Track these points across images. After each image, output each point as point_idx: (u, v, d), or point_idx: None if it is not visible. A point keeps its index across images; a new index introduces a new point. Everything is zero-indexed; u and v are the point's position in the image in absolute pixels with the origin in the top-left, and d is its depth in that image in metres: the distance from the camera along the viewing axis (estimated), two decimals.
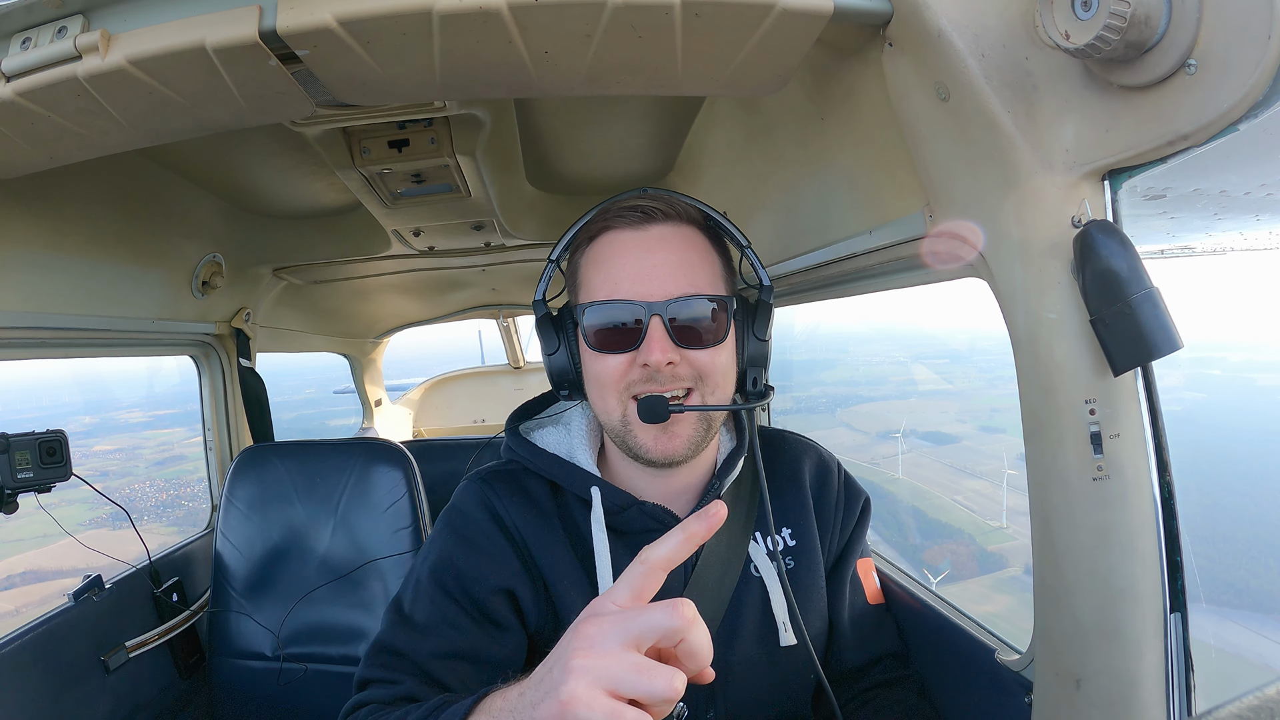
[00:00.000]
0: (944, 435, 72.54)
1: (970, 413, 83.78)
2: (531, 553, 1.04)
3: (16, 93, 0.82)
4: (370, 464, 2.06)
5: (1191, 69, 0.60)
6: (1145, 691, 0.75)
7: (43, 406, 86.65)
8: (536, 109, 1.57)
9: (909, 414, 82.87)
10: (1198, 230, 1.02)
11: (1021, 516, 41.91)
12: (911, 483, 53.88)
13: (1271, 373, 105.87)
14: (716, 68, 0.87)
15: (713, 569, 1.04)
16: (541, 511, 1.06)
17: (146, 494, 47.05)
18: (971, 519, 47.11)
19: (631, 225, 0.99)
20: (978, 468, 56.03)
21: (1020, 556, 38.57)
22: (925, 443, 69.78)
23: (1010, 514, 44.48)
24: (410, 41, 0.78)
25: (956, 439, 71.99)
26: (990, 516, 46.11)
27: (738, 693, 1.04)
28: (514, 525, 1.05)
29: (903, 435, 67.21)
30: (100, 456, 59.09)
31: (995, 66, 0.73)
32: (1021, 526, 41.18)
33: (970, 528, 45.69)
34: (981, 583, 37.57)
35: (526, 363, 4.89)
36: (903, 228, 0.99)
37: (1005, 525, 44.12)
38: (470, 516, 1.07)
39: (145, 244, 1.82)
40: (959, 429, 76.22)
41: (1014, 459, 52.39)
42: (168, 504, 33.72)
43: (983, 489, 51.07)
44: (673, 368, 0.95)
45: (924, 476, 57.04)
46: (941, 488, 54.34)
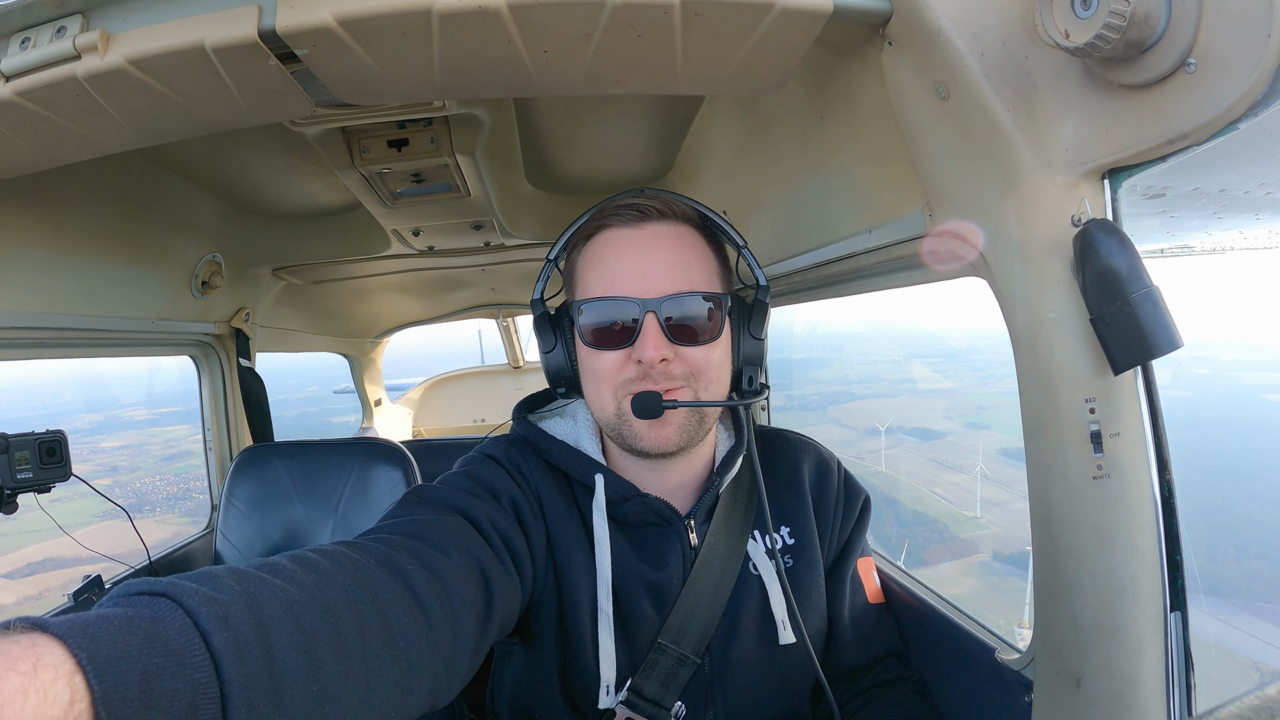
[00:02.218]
0: (930, 431, 75.16)
1: (958, 410, 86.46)
2: (546, 518, 1.04)
3: (16, 93, 0.82)
4: (370, 464, 2.06)
5: (1191, 68, 0.60)
6: (1145, 690, 0.75)
7: (45, 405, 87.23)
8: (536, 108, 1.57)
9: (898, 411, 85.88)
10: (1197, 229, 1.02)
11: (995, 507, 45.72)
12: (894, 475, 56.10)
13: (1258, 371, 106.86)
14: (716, 67, 0.87)
15: (711, 567, 1.04)
16: (558, 485, 1.07)
17: (158, 488, 48.66)
18: (948, 509, 49.14)
19: (628, 223, 1.00)
20: (959, 462, 58.21)
21: (989, 544, 41.64)
22: (911, 438, 72.06)
23: (984, 504, 46.62)
24: (409, 41, 0.78)
25: (942, 434, 74.58)
26: (965, 507, 48.08)
27: (737, 691, 1.04)
28: (536, 488, 1.05)
29: (889, 431, 69.48)
30: (108, 453, 60.65)
31: (995, 65, 0.73)
32: (994, 516, 44.43)
33: (945, 517, 47.77)
34: (953, 567, 39.48)
35: (526, 362, 4.88)
36: (902, 227, 0.99)
37: (979, 515, 46.21)
38: (498, 457, 1.07)
39: (145, 244, 1.82)
40: (945, 425, 78.82)
41: (995, 454, 56.71)
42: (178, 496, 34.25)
43: (962, 481, 53.26)
44: (667, 364, 0.95)
45: (907, 470, 59.34)
46: (922, 480, 56.57)
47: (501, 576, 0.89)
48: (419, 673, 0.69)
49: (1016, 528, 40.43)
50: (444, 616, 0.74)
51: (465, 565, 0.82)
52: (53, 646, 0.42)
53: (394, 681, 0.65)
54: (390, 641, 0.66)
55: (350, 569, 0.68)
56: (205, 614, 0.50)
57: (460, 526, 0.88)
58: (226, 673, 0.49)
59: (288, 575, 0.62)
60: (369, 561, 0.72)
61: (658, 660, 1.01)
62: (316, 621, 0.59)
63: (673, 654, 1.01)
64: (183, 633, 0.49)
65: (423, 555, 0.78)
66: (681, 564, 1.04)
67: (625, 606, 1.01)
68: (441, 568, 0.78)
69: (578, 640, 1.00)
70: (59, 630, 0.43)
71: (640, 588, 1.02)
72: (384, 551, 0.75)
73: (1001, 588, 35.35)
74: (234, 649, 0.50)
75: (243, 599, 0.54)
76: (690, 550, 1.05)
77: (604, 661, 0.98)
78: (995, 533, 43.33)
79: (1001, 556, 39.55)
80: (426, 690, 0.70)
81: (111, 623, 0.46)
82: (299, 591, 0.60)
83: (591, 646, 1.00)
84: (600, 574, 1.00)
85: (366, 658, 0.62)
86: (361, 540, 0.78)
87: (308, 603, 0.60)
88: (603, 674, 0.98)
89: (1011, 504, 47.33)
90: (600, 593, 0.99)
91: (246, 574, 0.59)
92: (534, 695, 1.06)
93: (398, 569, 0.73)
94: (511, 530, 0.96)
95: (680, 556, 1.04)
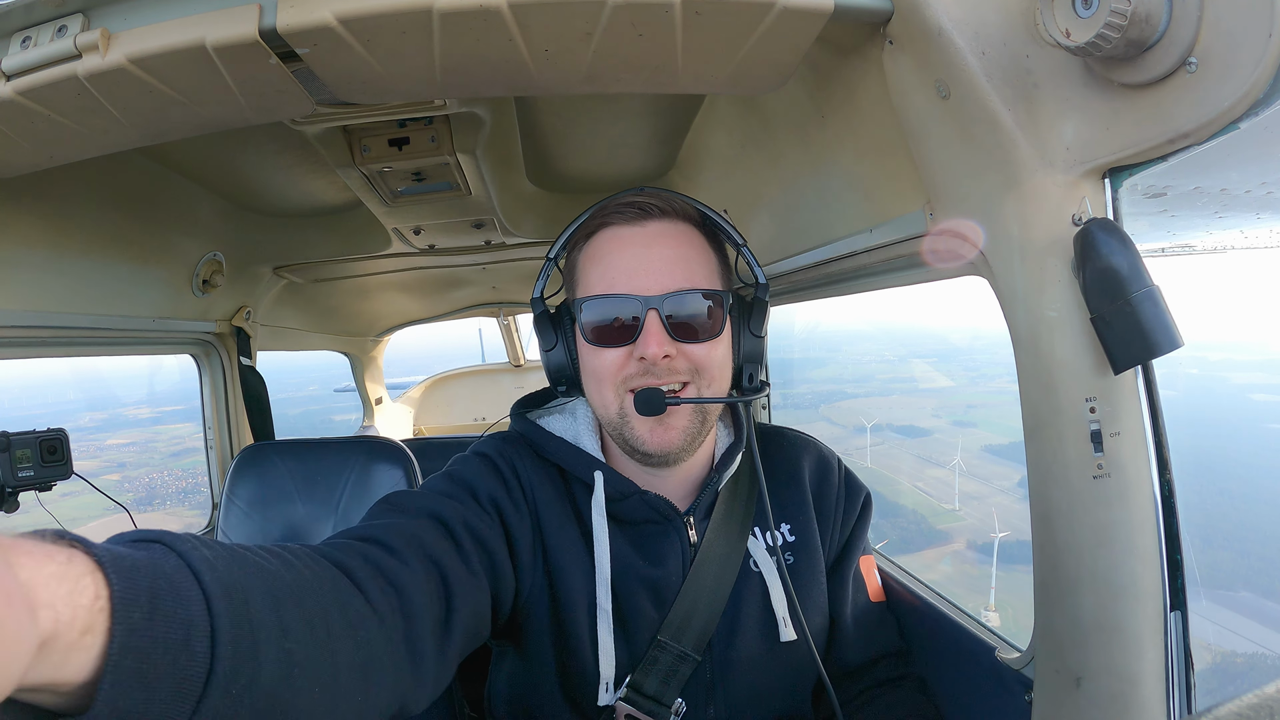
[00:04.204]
0: (918, 429, 77.56)
1: (947, 408, 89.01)
2: (540, 519, 1.04)
3: (16, 91, 0.82)
4: (371, 462, 2.06)
5: (1192, 67, 0.60)
6: (1145, 689, 0.75)
7: (48, 404, 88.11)
8: (537, 107, 1.57)
9: (889, 409, 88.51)
10: (1198, 228, 1.02)
11: (973, 500, 49.10)
12: (879, 470, 58.41)
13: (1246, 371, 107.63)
14: (717, 66, 0.87)
15: (712, 564, 1.04)
16: (553, 483, 1.07)
17: (167, 482, 51.29)
18: (928, 502, 52.06)
19: (628, 221, 1.00)
20: (943, 458, 61.04)
21: (964, 534, 44.70)
22: (899, 435, 74.76)
23: (962, 498, 49.70)
24: (410, 40, 0.78)
25: (929, 432, 77.16)
26: (945, 500, 51.04)
27: (738, 688, 1.04)
28: (529, 485, 1.05)
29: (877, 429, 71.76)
30: (115, 450, 62.84)
31: (996, 64, 0.73)
32: (971, 509, 47.71)
33: (925, 510, 50.82)
34: (927, 554, 42.17)
35: (527, 361, 4.89)
36: (903, 226, 0.99)
37: (957, 508, 49.29)
38: (490, 454, 1.07)
39: (146, 242, 1.82)
40: (933, 423, 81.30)
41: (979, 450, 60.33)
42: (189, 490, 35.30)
43: (943, 476, 56.10)
44: (669, 361, 0.95)
45: (892, 466, 62.51)
46: (905, 475, 59.60)
47: (466, 580, 0.88)
48: (381, 665, 0.70)
49: (990, 519, 43.47)
50: (396, 622, 0.74)
51: (423, 571, 0.82)
52: (76, 551, 0.45)
53: (358, 664, 0.66)
54: (350, 628, 0.67)
55: (310, 564, 0.69)
56: (196, 558, 0.53)
57: (427, 531, 0.88)
58: (216, 608, 0.51)
59: (257, 553, 0.64)
60: (324, 562, 0.73)
61: (657, 657, 1.01)
62: (284, 591, 0.61)
63: (672, 651, 1.01)
64: (178, 570, 0.51)
65: (376, 560, 0.78)
66: (681, 561, 1.04)
67: (624, 604, 1.02)
68: (398, 575, 0.78)
69: (575, 638, 1.00)
70: (80, 540, 0.47)
71: (639, 585, 1.02)
72: (338, 556, 0.75)
73: (972, 574, 38.15)
74: (222, 589, 0.52)
75: (224, 557, 0.57)
76: (690, 547, 1.05)
77: (603, 659, 0.98)
78: (971, 524, 46.03)
79: (975, 546, 42.01)
80: (390, 685, 0.71)
81: (116, 547, 0.49)
82: (267, 563, 0.63)
83: (590, 644, 1.00)
84: (599, 571, 1.00)
85: (330, 632, 0.64)
86: (321, 545, 0.79)
87: (275, 574, 0.62)
88: (602, 671, 0.98)
89: (989, 497, 50.57)
90: (599, 590, 1.00)
91: (221, 543, 0.61)
92: (532, 694, 1.06)
93: (350, 573, 0.73)
94: (489, 531, 0.96)
95: (679, 554, 1.04)
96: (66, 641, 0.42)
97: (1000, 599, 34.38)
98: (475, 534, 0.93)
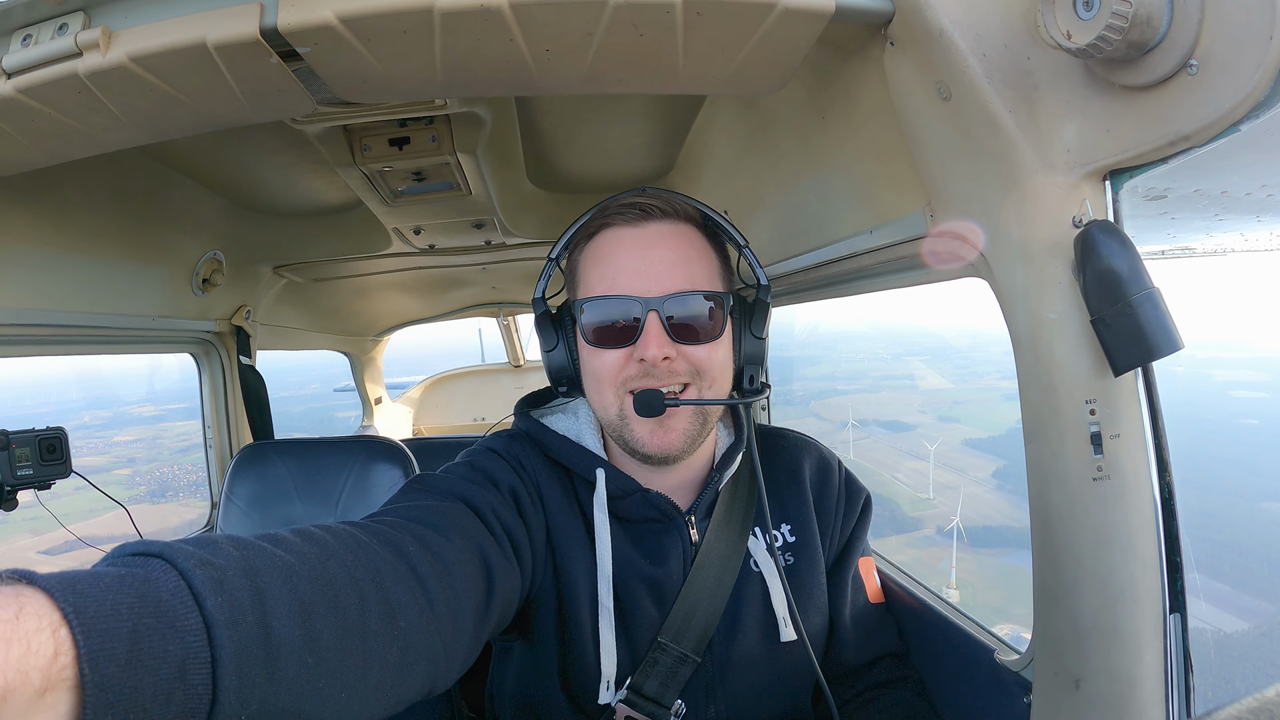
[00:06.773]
0: (902, 424, 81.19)
1: (932, 404, 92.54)
2: (546, 512, 1.04)
3: (17, 89, 0.82)
4: (370, 462, 2.06)
5: (1193, 69, 0.60)
6: (1144, 692, 0.75)
7: (50, 403, 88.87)
8: (537, 107, 1.57)
9: (877, 405, 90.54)
10: (1199, 231, 1.02)
11: (947, 490, 53.68)
12: (860, 463, 62.10)
13: (1229, 369, 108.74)
14: (718, 66, 0.87)
15: (713, 563, 1.04)
16: (559, 481, 1.07)
17: (177, 476, 53.81)
18: (905, 491, 56.56)
19: (629, 222, 1.00)
20: (923, 451, 65.02)
21: (935, 520, 49.93)
22: (884, 430, 78.71)
23: (936, 488, 54.53)
24: (411, 39, 0.78)
25: (913, 427, 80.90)
26: (921, 490, 55.56)
27: (738, 688, 1.04)
28: (535, 481, 1.06)
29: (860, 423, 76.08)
30: (123, 446, 64.68)
31: (997, 66, 0.73)
32: (944, 498, 52.48)
33: (901, 499, 55.27)
34: (899, 539, 48.43)
35: (527, 361, 4.89)
36: (903, 227, 0.99)
37: (931, 497, 53.96)
38: (499, 450, 1.07)
39: (146, 241, 1.82)
40: (918, 418, 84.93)
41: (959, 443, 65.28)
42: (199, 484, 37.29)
43: (922, 468, 60.65)
44: (669, 363, 0.95)
45: (874, 458, 66.84)
46: (885, 467, 64.36)
47: (502, 564, 0.88)
48: (417, 654, 0.68)
49: (960, 506, 48.18)
50: (445, 599, 0.74)
51: (467, 550, 0.82)
52: (38, 598, 0.41)
53: (392, 661, 0.64)
54: (390, 620, 0.65)
55: (353, 546, 0.67)
56: (200, 577, 0.49)
57: (462, 513, 0.88)
58: (218, 637, 0.48)
59: (289, 546, 0.61)
60: (372, 541, 0.71)
61: (658, 659, 1.01)
62: (315, 593, 0.58)
63: (673, 653, 1.01)
64: (175, 594, 0.48)
65: (425, 538, 0.77)
66: (682, 560, 1.04)
67: (626, 602, 1.02)
68: (444, 551, 0.77)
69: (578, 635, 1.00)
70: (45, 583, 0.42)
71: (640, 584, 1.02)
72: (387, 532, 0.74)
73: (937, 555, 43.16)
74: (228, 613, 0.49)
75: (240, 565, 0.54)
76: (691, 546, 1.05)
77: (605, 656, 0.98)
78: (942, 511, 50.29)
79: (943, 531, 46.25)
80: (424, 673, 0.70)
81: (102, 580, 0.45)
82: (299, 562, 0.59)
83: (592, 641, 1.00)
84: (601, 568, 1.00)
85: (365, 634, 0.61)
86: (365, 521, 0.78)
87: (307, 574, 0.59)
88: (603, 669, 0.98)
89: (962, 487, 54.64)
90: (601, 587, 1.00)
91: (246, 542, 0.58)
92: (536, 690, 1.06)
93: (400, 549, 0.73)
94: (512, 520, 0.96)
95: (681, 553, 1.04)
96: (20, 703, 0.38)
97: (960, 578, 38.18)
98: (503, 521, 0.94)
